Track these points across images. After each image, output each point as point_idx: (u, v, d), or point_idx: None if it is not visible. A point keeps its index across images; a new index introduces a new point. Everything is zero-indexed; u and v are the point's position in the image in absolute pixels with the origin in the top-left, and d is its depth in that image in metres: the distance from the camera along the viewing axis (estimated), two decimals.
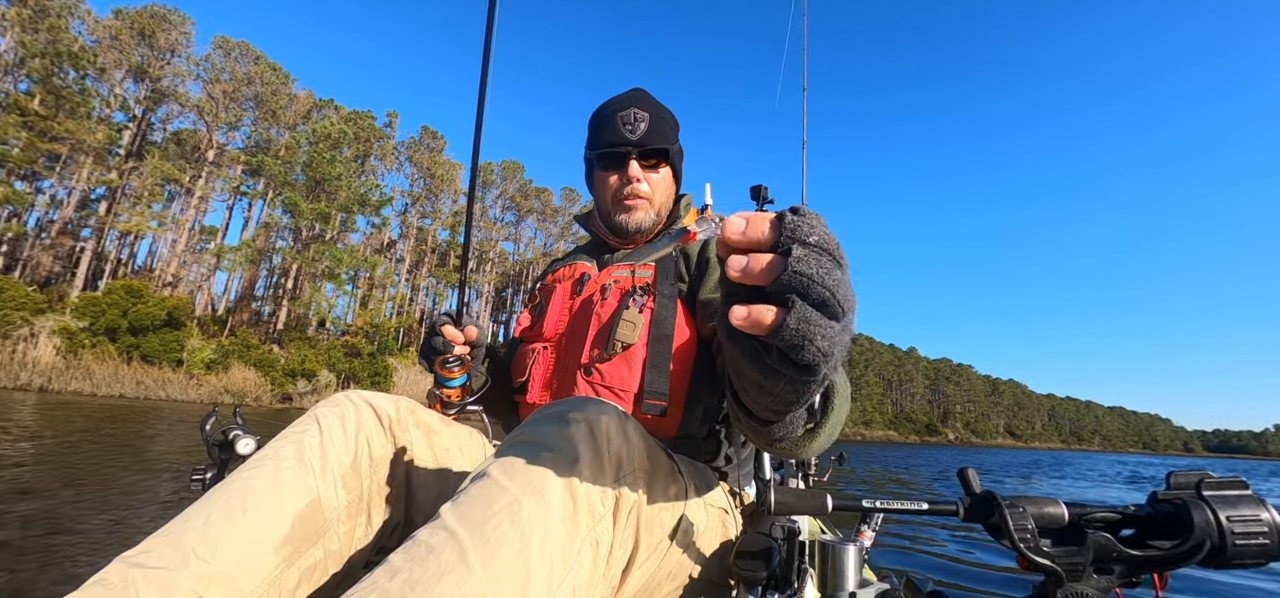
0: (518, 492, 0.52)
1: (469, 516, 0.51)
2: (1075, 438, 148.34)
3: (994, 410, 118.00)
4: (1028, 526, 0.53)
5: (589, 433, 0.59)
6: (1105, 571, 0.53)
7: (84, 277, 29.90)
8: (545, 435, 0.58)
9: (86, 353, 20.66)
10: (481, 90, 0.99)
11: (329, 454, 0.72)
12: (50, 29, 29.21)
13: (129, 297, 22.64)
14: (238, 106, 36.55)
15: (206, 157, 35.58)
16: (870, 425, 79.63)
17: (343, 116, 39.47)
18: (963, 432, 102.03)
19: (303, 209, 31.83)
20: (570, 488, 0.55)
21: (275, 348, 30.03)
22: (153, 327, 22.55)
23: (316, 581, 0.69)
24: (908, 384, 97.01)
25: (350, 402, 0.79)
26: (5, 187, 26.77)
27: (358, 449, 0.75)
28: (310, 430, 0.74)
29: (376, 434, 0.78)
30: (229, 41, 36.55)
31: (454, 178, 48.25)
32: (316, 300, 34.02)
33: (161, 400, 20.49)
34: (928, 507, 0.58)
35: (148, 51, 33.38)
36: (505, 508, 0.51)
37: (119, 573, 0.56)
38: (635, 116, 1.07)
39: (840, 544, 0.65)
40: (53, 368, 19.96)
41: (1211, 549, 0.49)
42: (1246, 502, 0.50)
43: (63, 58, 28.00)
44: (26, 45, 28.21)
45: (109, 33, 32.29)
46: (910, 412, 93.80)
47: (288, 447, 0.72)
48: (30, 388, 18.77)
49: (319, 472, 0.71)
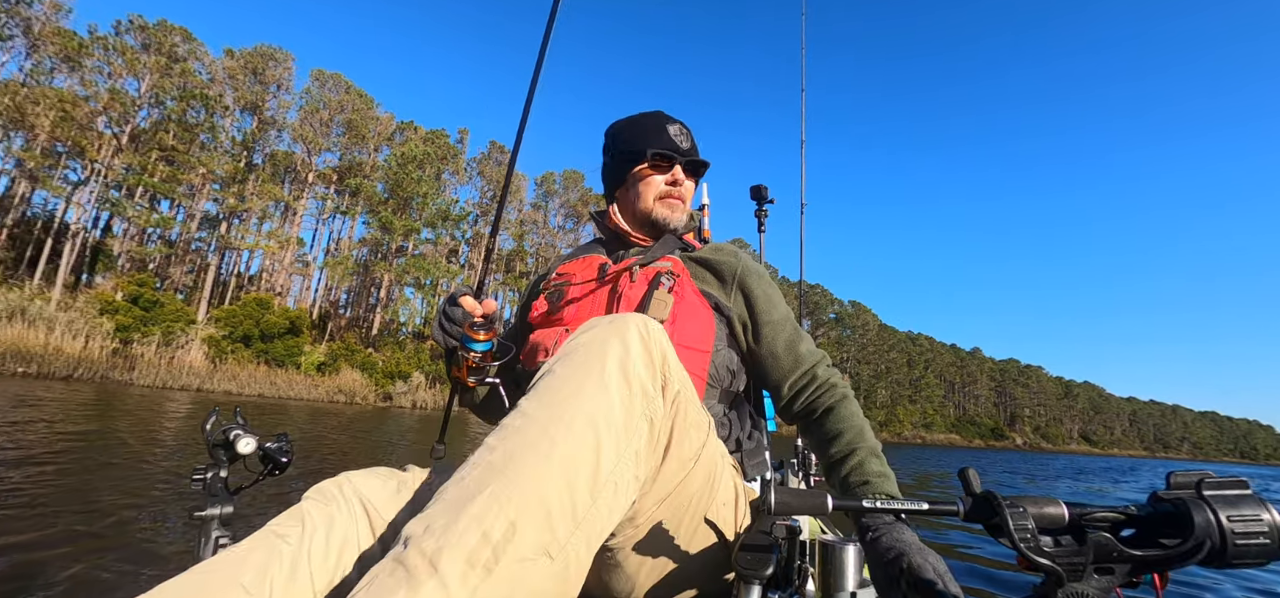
0: (581, 379, 0.61)
1: (543, 400, 0.61)
2: (1160, 445, 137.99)
3: (1067, 414, 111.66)
4: (1028, 526, 0.53)
5: (635, 331, 0.67)
6: (1105, 570, 0.53)
7: (210, 289, 34.10)
8: (597, 334, 0.66)
9: (229, 358, 23.96)
10: (533, 82, 1.13)
11: (298, 572, 0.69)
12: (181, 73, 33.53)
13: (259, 308, 25.92)
14: (331, 132, 40.39)
15: (306, 179, 39.52)
16: (931, 428, 77.41)
17: (422, 137, 42.75)
18: (1032, 436, 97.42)
19: (395, 226, 34.96)
20: (624, 372, 0.63)
21: (372, 351, 33.20)
22: (278, 334, 25.75)
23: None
24: (971, 386, 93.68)
25: (341, 495, 0.77)
26: (155, 212, 31.02)
27: (343, 557, 0.73)
28: (293, 532, 0.71)
29: (366, 538, 0.76)
30: (324, 74, 40.42)
31: (520, 189, 51.01)
32: (408, 308, 37.21)
33: (290, 399, 23.51)
34: (928, 507, 0.59)
35: (258, 87, 37.56)
36: (572, 393, 0.60)
37: None
38: (681, 132, 1.20)
39: (841, 544, 0.65)
40: (204, 371, 23.32)
41: (1212, 549, 0.49)
42: (1247, 502, 0.50)
43: (196, 98, 32.06)
44: (165, 88, 32.53)
45: (226, 72, 36.61)
46: (974, 415, 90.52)
47: (257, 554, 0.68)
48: (188, 388, 22.00)
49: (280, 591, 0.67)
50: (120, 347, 22.25)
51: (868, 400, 71.77)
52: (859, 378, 73.77)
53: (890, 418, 72.14)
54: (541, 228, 52.01)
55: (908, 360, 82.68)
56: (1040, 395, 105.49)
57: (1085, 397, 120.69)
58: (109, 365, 21.31)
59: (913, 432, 73.83)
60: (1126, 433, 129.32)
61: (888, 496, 0.63)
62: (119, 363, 21.75)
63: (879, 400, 73.64)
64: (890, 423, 71.33)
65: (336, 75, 40.87)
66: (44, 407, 8.61)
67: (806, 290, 3.44)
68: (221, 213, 35.23)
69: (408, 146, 39.36)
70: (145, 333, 22.78)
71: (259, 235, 34.84)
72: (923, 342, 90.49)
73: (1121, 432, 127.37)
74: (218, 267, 35.28)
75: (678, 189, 1.17)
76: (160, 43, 32.93)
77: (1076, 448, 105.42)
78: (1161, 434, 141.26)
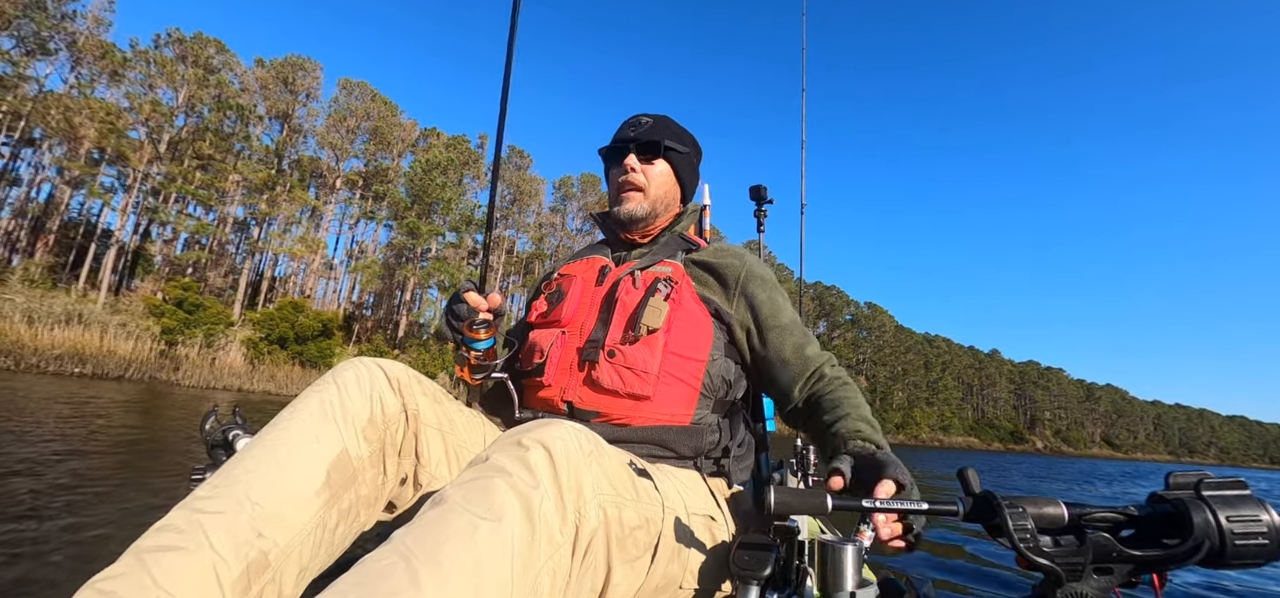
0: (474, 516, 0.52)
1: (424, 539, 0.51)
2: (1186, 450, 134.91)
3: (1089, 418, 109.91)
4: (1027, 526, 0.53)
5: (548, 458, 0.60)
6: (1105, 571, 0.53)
7: (243, 292, 35.36)
8: (505, 461, 0.58)
9: (267, 359, 24.98)
10: (507, 69, 1.12)
11: (349, 409, 0.76)
12: (217, 84, 34.86)
13: (294, 311, 26.94)
14: (356, 140, 41.57)
15: (333, 184, 40.72)
16: (949, 431, 76.70)
17: (444, 143, 43.75)
18: (1052, 440, 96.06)
19: (422, 231, 35.99)
20: (528, 514, 0.55)
21: (398, 353, 34.17)
22: (311, 336, 26.75)
23: (351, 521, 0.74)
24: (990, 389, 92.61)
25: (363, 365, 0.82)
26: (195, 219, 32.30)
27: (373, 406, 0.79)
28: (329, 388, 0.78)
29: (387, 394, 0.81)
30: (351, 82, 41.63)
31: (538, 192, 51.84)
32: (434, 309, 38.26)
33: None
34: (928, 507, 0.59)
35: (288, 96, 38.82)
36: (460, 532, 0.51)
37: (184, 517, 0.61)
38: (640, 120, 1.19)
39: (840, 544, 0.63)
40: (243, 371, 24.36)
41: (1211, 550, 0.50)
42: (1246, 502, 0.51)
43: (232, 109, 33.34)
44: (201, 98, 33.86)
45: (258, 81, 37.91)
46: (993, 417, 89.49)
47: (312, 403, 0.76)
48: (230, 388, 23.01)
49: (342, 425, 0.75)
50: (166, 349, 23.33)
51: (884, 402, 71.40)
52: (875, 380, 73.42)
53: (907, 420, 71.67)
54: (560, 230, 52.83)
55: (924, 362, 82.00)
56: (1061, 398, 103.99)
57: (1108, 400, 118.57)
58: (156, 366, 22.39)
59: (930, 435, 73.23)
60: (1151, 437, 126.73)
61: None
62: (165, 364, 22.83)
63: (896, 403, 73.20)
64: (907, 425, 70.87)
65: (362, 83, 42.05)
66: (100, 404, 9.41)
67: (822, 292, 3.31)
68: (253, 218, 36.49)
69: (432, 153, 40.40)
70: (189, 334, 23.87)
71: (288, 239, 36.02)
72: (940, 343, 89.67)
73: (1145, 436, 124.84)
74: (249, 270, 36.58)
75: (629, 177, 1.16)
76: (196, 55, 34.27)
77: (1098, 452, 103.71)
78: (1187, 439, 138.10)
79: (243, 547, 0.61)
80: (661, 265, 1.10)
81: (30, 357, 18.86)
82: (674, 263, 1.11)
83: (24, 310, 20.53)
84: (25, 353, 18.92)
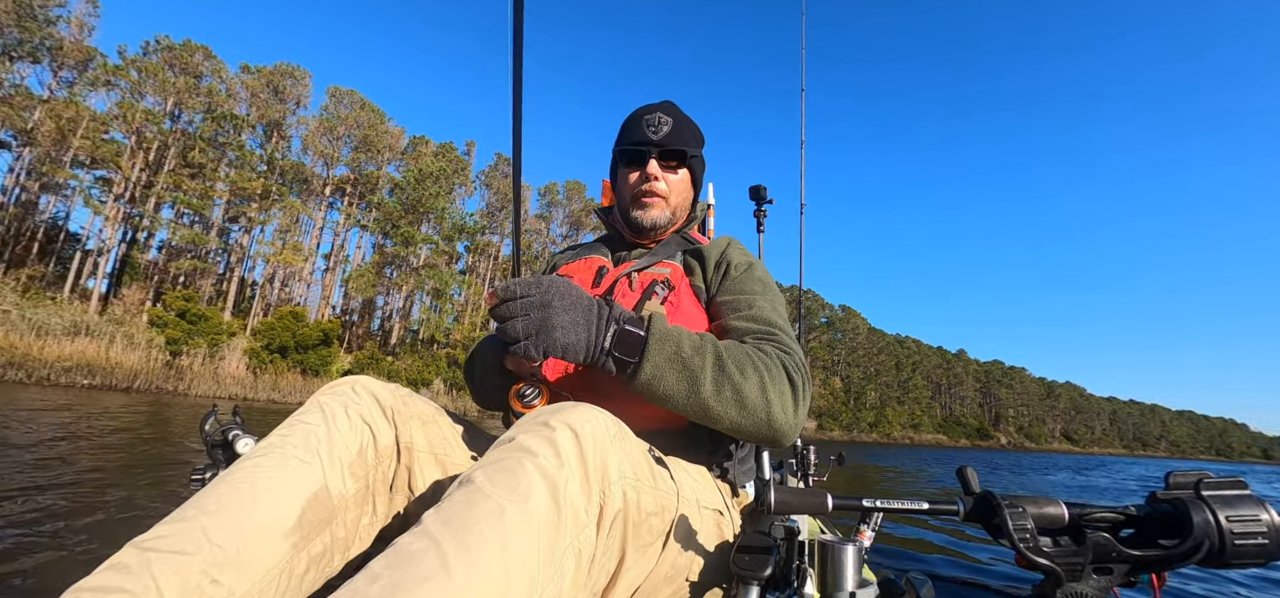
0: (501, 498, 0.52)
1: (452, 521, 0.51)
2: (1139, 443, 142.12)
3: (1049, 414, 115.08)
4: (1027, 526, 0.53)
5: (575, 439, 0.59)
6: (1104, 571, 0.53)
7: (233, 301, 35.42)
8: (531, 442, 0.58)
9: (268, 368, 25.50)
10: (516, 80, 0.90)
11: (335, 441, 0.72)
12: (208, 92, 34.88)
13: (293, 320, 27.45)
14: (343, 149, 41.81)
15: (323, 193, 40.93)
16: (919, 429, 79.92)
17: (433, 151, 44.29)
18: (1016, 436, 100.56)
19: (416, 239, 36.67)
20: (554, 495, 0.54)
21: (393, 359, 34.78)
22: (311, 345, 27.31)
23: (324, 567, 0.70)
24: (957, 387, 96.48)
25: (352, 390, 0.79)
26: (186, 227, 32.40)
27: (362, 438, 0.75)
28: (314, 417, 0.74)
29: (380, 422, 0.78)
30: (340, 90, 41.87)
31: (525, 199, 52.56)
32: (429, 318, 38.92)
33: None
34: (928, 507, 0.59)
35: (278, 104, 38.93)
36: (488, 514, 0.51)
37: (134, 557, 0.57)
38: (660, 120, 1.13)
39: (840, 544, 0.62)
40: (247, 380, 24.85)
41: (1211, 550, 0.49)
42: (1246, 502, 0.50)
43: (226, 119, 33.53)
44: (191, 105, 33.89)
45: (247, 88, 37.95)
46: (960, 415, 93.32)
47: (295, 434, 0.72)
48: (235, 397, 23.52)
49: (325, 459, 0.71)
50: (170, 359, 23.74)
51: (857, 402, 74.11)
52: (850, 380, 76.10)
53: (879, 419, 74.52)
54: (545, 236, 53.69)
55: (896, 363, 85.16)
56: (1024, 396, 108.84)
57: (1067, 397, 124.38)
58: (162, 376, 22.80)
59: (902, 433, 76.24)
60: (1107, 432, 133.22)
61: (887, 494, 0.65)
62: (170, 374, 23.24)
63: (869, 402, 76.04)
64: (879, 424, 73.70)
65: (351, 91, 42.31)
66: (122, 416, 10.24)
67: (799, 295, 3.40)
68: (243, 226, 36.65)
69: (422, 162, 41.01)
70: (192, 344, 24.30)
71: (278, 247, 36.30)
72: (910, 344, 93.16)
73: (1102, 431, 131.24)
74: (239, 278, 36.66)
75: (649, 185, 1.13)
76: (185, 62, 34.27)
77: (1058, 447, 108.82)
78: (1140, 433, 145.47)
79: (193, 595, 0.56)
80: (659, 267, 1.09)
81: (41, 369, 19.24)
82: (672, 263, 1.11)
83: (33, 323, 20.80)
84: (35, 366, 19.29)
